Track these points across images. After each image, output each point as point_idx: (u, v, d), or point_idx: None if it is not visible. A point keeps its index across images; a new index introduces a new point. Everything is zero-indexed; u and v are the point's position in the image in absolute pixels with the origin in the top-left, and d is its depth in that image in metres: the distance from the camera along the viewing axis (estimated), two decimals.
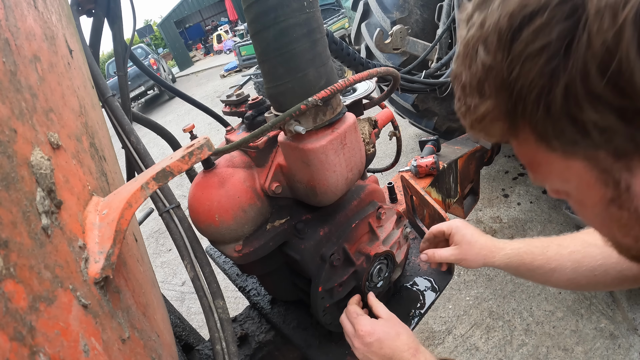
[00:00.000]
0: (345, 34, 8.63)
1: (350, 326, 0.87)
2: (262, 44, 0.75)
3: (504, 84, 0.35)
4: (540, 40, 0.31)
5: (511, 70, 0.34)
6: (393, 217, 1.06)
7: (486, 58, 0.35)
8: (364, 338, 0.81)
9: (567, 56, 0.30)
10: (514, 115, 0.37)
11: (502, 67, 0.35)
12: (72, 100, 0.61)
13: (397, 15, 3.06)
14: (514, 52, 0.33)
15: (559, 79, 0.31)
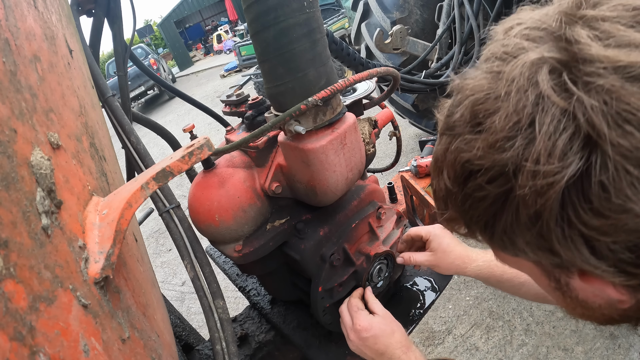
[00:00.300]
0: (345, 34, 8.63)
1: (349, 318, 0.89)
2: (262, 44, 0.75)
3: (460, 209, 0.43)
4: (483, 192, 0.38)
5: (464, 201, 0.42)
6: (393, 217, 1.06)
7: (448, 182, 0.43)
8: (360, 333, 0.84)
9: (503, 208, 0.38)
10: (470, 228, 0.45)
11: (458, 197, 0.42)
12: (72, 100, 0.61)
13: (397, 15, 3.06)
14: (466, 191, 0.40)
15: (499, 219, 0.39)
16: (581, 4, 0.37)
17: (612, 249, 0.34)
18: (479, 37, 2.54)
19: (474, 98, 0.39)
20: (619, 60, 0.31)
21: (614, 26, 0.33)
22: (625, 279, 0.35)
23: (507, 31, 0.41)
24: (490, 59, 0.40)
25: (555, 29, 0.36)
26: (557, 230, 0.35)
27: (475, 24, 2.51)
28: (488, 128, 0.37)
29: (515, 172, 0.35)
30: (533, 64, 0.35)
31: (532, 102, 0.34)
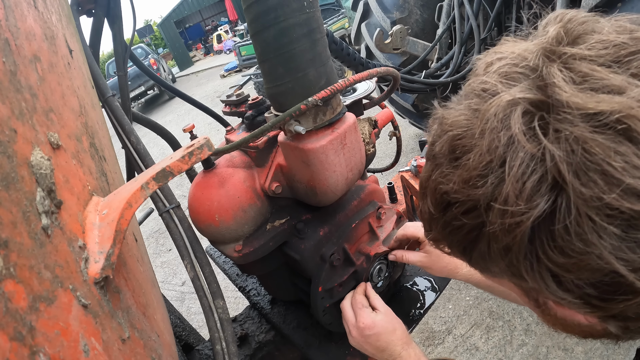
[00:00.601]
0: (345, 34, 8.62)
1: (352, 315, 0.89)
2: (262, 44, 0.75)
3: (441, 233, 0.46)
4: (459, 222, 0.41)
5: (444, 227, 0.44)
6: (393, 217, 1.06)
7: (431, 207, 0.45)
8: (363, 330, 0.85)
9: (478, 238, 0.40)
10: (451, 249, 0.48)
11: (439, 221, 0.45)
12: (72, 100, 0.61)
13: (397, 15, 3.06)
14: (445, 219, 0.43)
15: (475, 247, 0.41)
16: (562, 39, 0.38)
17: (577, 284, 0.35)
18: (479, 37, 2.54)
19: (452, 133, 0.41)
20: (588, 108, 0.32)
21: (591, 67, 0.34)
22: (591, 311, 0.37)
23: (488, 66, 0.42)
24: (469, 95, 0.42)
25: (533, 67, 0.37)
26: (526, 264, 0.37)
27: (475, 24, 2.51)
28: (464, 164, 0.39)
29: (486, 209, 0.37)
30: (507, 105, 0.36)
31: (503, 143, 0.35)
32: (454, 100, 0.44)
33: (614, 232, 0.32)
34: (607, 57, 0.35)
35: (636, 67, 0.34)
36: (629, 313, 0.36)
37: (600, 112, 0.32)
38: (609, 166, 0.31)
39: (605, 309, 0.37)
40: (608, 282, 0.34)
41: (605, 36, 0.36)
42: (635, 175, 0.31)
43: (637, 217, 0.31)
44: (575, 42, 0.37)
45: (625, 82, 0.33)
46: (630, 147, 0.31)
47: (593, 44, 0.36)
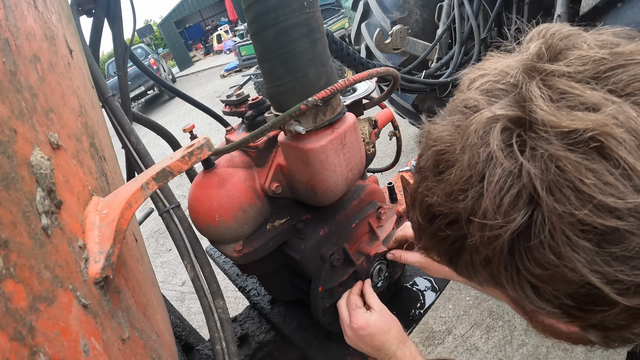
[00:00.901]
0: (345, 34, 8.62)
1: (347, 315, 0.89)
2: (262, 44, 0.75)
3: (429, 242, 0.47)
4: (443, 233, 0.43)
5: (432, 237, 0.46)
6: (393, 217, 1.06)
7: (419, 218, 0.47)
8: (357, 331, 0.85)
9: (461, 248, 0.41)
10: (440, 257, 0.49)
11: (427, 232, 0.47)
12: (72, 100, 0.61)
13: (397, 15, 3.06)
14: (432, 229, 0.45)
15: (460, 256, 0.43)
16: (542, 55, 0.39)
17: (555, 295, 0.36)
18: (479, 37, 2.54)
19: (436, 149, 0.43)
20: (563, 126, 0.33)
21: (569, 83, 0.35)
22: (570, 320, 0.38)
23: (471, 83, 0.43)
24: (453, 112, 0.43)
25: (513, 83, 0.39)
26: (506, 275, 0.38)
27: (475, 24, 2.51)
28: (447, 179, 0.40)
29: (467, 222, 0.39)
30: (487, 122, 0.37)
31: (482, 160, 0.37)
32: (439, 116, 0.46)
33: (587, 247, 0.33)
34: (585, 74, 0.36)
35: (614, 83, 0.34)
36: (607, 323, 0.36)
37: (574, 130, 0.33)
38: (581, 183, 0.32)
39: (583, 319, 0.37)
40: (584, 294, 0.35)
41: (585, 52, 0.37)
42: (607, 192, 0.31)
43: (609, 232, 0.32)
44: (555, 58, 0.38)
45: (601, 99, 0.33)
46: (603, 164, 0.32)
47: (572, 60, 0.37)
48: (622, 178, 0.31)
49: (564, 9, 1.99)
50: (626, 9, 1.73)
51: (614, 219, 0.31)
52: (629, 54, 0.36)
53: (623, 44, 0.38)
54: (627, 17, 1.71)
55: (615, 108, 0.32)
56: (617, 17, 1.75)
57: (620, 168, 0.31)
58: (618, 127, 0.32)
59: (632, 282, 0.32)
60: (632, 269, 0.32)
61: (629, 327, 0.36)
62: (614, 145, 0.31)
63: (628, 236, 0.32)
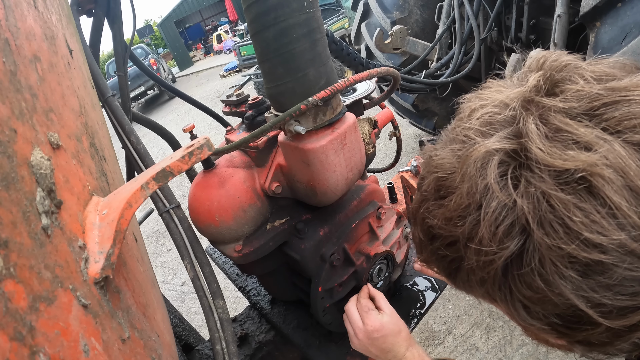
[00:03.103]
0: (345, 34, 8.62)
1: (359, 319, 0.89)
2: (262, 44, 0.75)
3: (429, 257, 0.50)
4: (442, 252, 0.46)
5: (432, 255, 0.49)
6: (393, 217, 1.06)
7: (420, 235, 0.50)
8: (372, 333, 0.85)
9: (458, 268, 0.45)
10: (439, 271, 0.52)
11: (427, 248, 0.49)
12: (72, 100, 0.61)
13: (397, 15, 3.06)
14: (432, 247, 0.48)
15: (457, 274, 0.46)
16: (540, 88, 0.41)
17: (544, 314, 0.39)
18: (479, 37, 2.54)
19: (438, 175, 0.45)
20: (556, 165, 0.36)
21: (564, 120, 0.37)
22: (557, 336, 0.41)
23: (472, 112, 0.46)
24: (454, 140, 0.46)
25: (512, 116, 0.41)
26: (500, 294, 0.41)
27: (475, 24, 2.50)
28: (447, 205, 0.43)
29: (464, 246, 0.42)
30: (485, 155, 0.40)
31: (480, 190, 0.39)
32: (441, 141, 0.49)
33: (574, 276, 0.35)
34: (579, 109, 0.38)
35: (606, 120, 0.36)
36: (592, 340, 0.39)
37: (566, 170, 0.35)
38: (569, 220, 0.35)
39: (570, 335, 0.40)
40: (571, 314, 0.38)
41: (581, 87, 0.39)
42: (594, 229, 0.34)
43: (594, 264, 0.35)
44: (552, 91, 0.41)
45: (594, 137, 0.36)
46: (591, 202, 0.34)
47: (568, 96, 0.39)
48: (608, 216, 0.34)
49: (564, 9, 1.99)
50: (626, 9, 1.73)
51: (599, 253, 0.34)
52: (623, 89, 0.38)
53: (619, 76, 0.40)
54: (627, 17, 1.71)
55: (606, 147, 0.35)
56: (617, 17, 1.75)
57: (607, 207, 0.34)
58: (607, 167, 0.34)
59: (614, 305, 0.35)
60: (615, 294, 0.35)
61: (612, 344, 0.39)
62: (601, 185, 0.34)
63: (612, 267, 0.34)
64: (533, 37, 2.53)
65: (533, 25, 2.51)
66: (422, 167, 0.51)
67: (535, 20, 2.50)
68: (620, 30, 1.71)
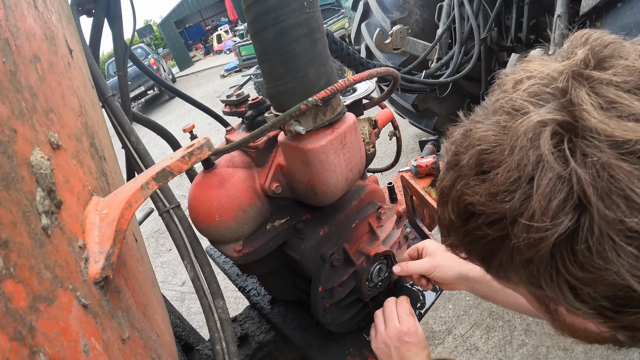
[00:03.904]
0: (345, 34, 8.62)
1: (396, 317, 0.90)
2: (262, 44, 0.75)
3: (461, 240, 0.48)
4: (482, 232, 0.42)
5: (465, 235, 0.46)
6: (393, 217, 1.06)
7: (452, 215, 0.47)
8: (404, 335, 0.86)
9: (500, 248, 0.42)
10: (469, 255, 0.50)
11: (460, 230, 0.46)
12: (72, 100, 0.61)
13: (397, 15, 3.06)
14: (467, 228, 0.45)
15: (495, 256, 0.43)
16: (588, 62, 0.39)
17: (593, 297, 0.38)
18: (479, 37, 2.54)
19: (480, 148, 0.42)
20: (615, 135, 0.34)
21: (617, 93, 0.36)
22: (604, 321, 0.40)
23: (517, 84, 0.43)
24: (498, 112, 0.43)
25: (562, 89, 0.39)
26: (545, 275, 0.39)
27: (475, 24, 2.50)
28: (491, 179, 0.40)
29: (512, 223, 0.39)
30: (537, 125, 0.38)
31: (532, 162, 0.37)
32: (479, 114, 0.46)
33: (632, 252, 0.34)
34: (631, 84, 0.37)
35: None
36: (638, 324, 0.38)
37: (627, 141, 0.34)
38: (632, 192, 0.33)
39: (616, 320, 0.39)
40: (622, 296, 0.36)
41: (631, 62, 0.38)
42: None
43: None
44: (601, 66, 0.39)
45: None
46: None
47: (619, 70, 0.38)
48: None
49: (564, 9, 1.99)
50: (626, 9, 1.73)
51: None
52: None
53: None
54: (627, 17, 1.71)
55: None
56: (617, 17, 1.75)
57: None
58: None
59: None
60: None
61: None
62: None
63: None
64: (533, 37, 2.53)
65: (533, 25, 2.51)
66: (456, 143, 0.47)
67: (535, 20, 2.50)
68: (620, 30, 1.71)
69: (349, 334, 1.10)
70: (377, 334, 0.90)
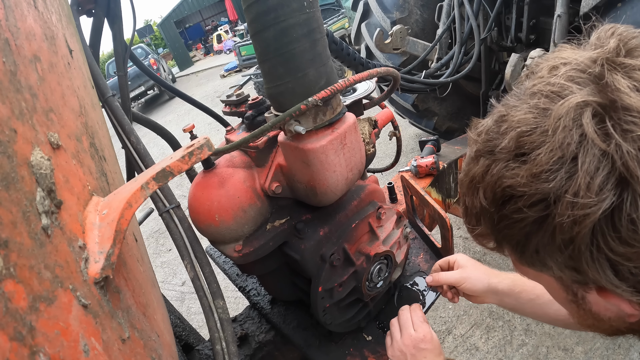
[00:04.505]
0: (345, 34, 8.62)
1: (411, 325, 0.91)
2: (262, 44, 0.75)
3: (494, 226, 0.47)
4: (521, 214, 0.42)
5: (499, 221, 0.46)
6: (393, 217, 1.06)
7: (484, 202, 0.47)
8: (420, 342, 0.87)
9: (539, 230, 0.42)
10: (500, 244, 0.50)
11: (494, 215, 0.46)
12: (72, 100, 0.61)
13: (397, 15, 3.06)
14: (503, 212, 0.45)
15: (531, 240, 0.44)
16: (619, 51, 0.41)
17: (634, 272, 0.39)
18: (479, 37, 2.54)
19: (520, 130, 0.42)
20: None
21: None
22: None
23: (553, 70, 0.44)
24: (536, 95, 0.44)
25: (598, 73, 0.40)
26: (586, 254, 0.40)
27: (475, 24, 2.50)
28: (533, 159, 0.41)
29: (555, 201, 0.40)
30: (578, 106, 0.39)
31: (575, 141, 0.38)
32: (513, 100, 0.46)
33: None
34: None
35: None
36: None
37: None
38: None
39: None
40: None
41: None
42: None
43: None
44: (632, 54, 0.41)
45: None
46: None
47: None
48: None
49: (564, 9, 1.99)
50: (626, 9, 1.73)
51: None
52: None
53: None
54: (627, 17, 1.71)
55: None
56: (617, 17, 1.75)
57: None
58: None
59: None
60: None
61: None
62: None
63: None
64: (533, 37, 2.53)
65: (533, 25, 2.51)
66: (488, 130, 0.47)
67: (535, 20, 2.50)
68: None
69: (349, 334, 1.10)
70: (393, 342, 0.91)
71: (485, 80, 2.91)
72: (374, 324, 1.13)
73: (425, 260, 1.27)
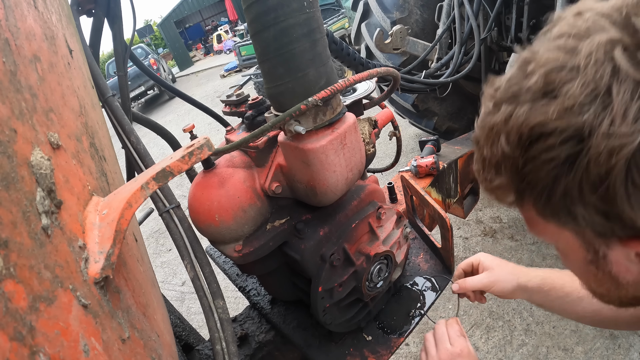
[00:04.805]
0: (345, 34, 8.62)
1: (447, 340, 0.91)
2: (262, 44, 0.75)
3: (518, 172, 0.45)
4: (551, 153, 0.41)
5: (524, 165, 0.44)
6: (393, 217, 1.06)
7: (506, 148, 0.45)
8: (458, 357, 0.88)
9: (570, 169, 0.40)
10: (521, 194, 0.47)
11: (518, 160, 0.44)
12: (72, 100, 0.61)
13: (397, 15, 3.06)
14: (529, 154, 0.43)
15: (560, 182, 0.42)
16: None
17: None
18: (479, 37, 2.54)
19: (548, 68, 0.42)
20: None
21: None
22: None
23: (578, 14, 0.45)
24: (563, 36, 0.44)
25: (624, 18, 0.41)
26: (621, 190, 0.38)
27: (475, 24, 2.50)
28: (564, 94, 0.40)
29: (590, 133, 0.38)
30: (608, 42, 0.39)
31: (608, 73, 0.38)
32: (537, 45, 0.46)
33: None
34: None
35: None
36: None
37: None
38: None
39: None
40: None
41: None
42: None
43: None
44: None
45: None
46: None
47: None
48: None
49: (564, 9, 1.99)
50: None
51: None
52: None
53: None
54: None
55: None
56: None
57: None
58: None
59: None
60: None
61: None
62: None
63: None
64: (533, 37, 2.53)
65: (533, 25, 2.51)
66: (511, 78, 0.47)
67: (535, 20, 2.50)
68: None
69: (349, 334, 1.10)
70: (429, 357, 0.90)
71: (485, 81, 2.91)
72: (374, 324, 1.13)
73: (425, 260, 1.27)
